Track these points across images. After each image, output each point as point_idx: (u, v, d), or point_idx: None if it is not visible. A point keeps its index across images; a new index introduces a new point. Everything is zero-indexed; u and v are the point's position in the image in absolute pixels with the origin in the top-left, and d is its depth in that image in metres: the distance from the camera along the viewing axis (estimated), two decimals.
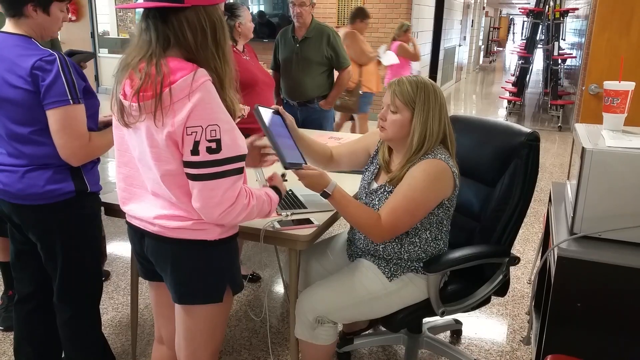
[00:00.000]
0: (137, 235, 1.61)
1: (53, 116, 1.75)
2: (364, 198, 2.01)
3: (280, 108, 1.94)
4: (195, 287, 1.56)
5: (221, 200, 1.41)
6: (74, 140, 1.78)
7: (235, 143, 1.40)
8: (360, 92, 5.44)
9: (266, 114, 1.82)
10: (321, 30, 3.77)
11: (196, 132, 1.35)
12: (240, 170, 1.43)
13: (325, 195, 1.81)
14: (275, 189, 1.67)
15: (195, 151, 1.36)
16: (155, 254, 1.57)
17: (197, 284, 1.55)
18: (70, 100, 1.74)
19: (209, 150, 1.36)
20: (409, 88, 1.83)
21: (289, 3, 3.74)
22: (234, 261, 1.63)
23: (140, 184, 1.54)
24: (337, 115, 5.91)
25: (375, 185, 1.98)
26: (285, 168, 1.72)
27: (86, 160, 1.85)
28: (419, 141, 1.83)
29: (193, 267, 1.54)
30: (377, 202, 1.92)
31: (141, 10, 1.47)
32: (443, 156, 1.83)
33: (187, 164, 1.39)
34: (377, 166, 2.04)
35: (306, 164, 1.81)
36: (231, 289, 1.62)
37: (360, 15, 5.53)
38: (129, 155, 1.54)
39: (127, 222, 1.64)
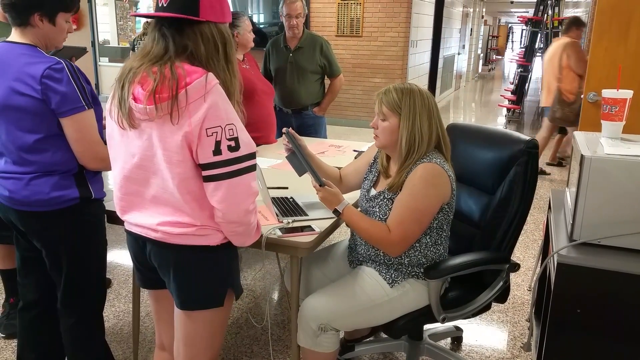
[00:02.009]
0: (139, 243, 1.62)
1: (71, 124, 1.78)
2: (364, 204, 2.04)
3: (291, 130, 2.04)
4: (197, 292, 1.57)
5: (246, 195, 1.47)
6: (93, 145, 1.83)
7: (249, 140, 1.47)
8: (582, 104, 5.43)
9: (291, 137, 2.00)
10: (313, 39, 3.84)
11: (216, 132, 1.39)
12: (255, 167, 1.50)
13: (336, 213, 1.93)
14: None
15: (217, 151, 1.40)
16: (158, 259, 1.58)
17: (199, 289, 1.57)
18: (85, 106, 1.78)
19: (230, 149, 1.41)
20: (395, 95, 1.88)
21: (282, 15, 3.77)
22: (234, 265, 1.65)
23: (135, 192, 1.55)
24: (544, 129, 5.89)
25: (374, 192, 2.01)
26: (321, 185, 1.91)
27: (102, 165, 1.87)
28: (408, 144, 1.87)
29: (195, 273, 1.56)
30: (377, 210, 1.94)
31: (142, 19, 1.51)
32: (438, 160, 1.87)
33: (209, 166, 1.42)
34: (376, 173, 2.07)
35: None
36: (233, 293, 1.64)
37: (576, 23, 5.56)
38: (122, 165, 1.55)
39: (127, 230, 1.65)
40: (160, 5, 1.45)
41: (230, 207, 1.45)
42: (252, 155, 1.47)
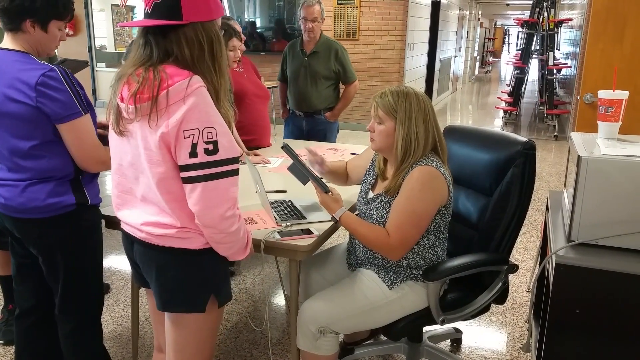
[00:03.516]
0: (129, 241, 1.64)
1: (70, 130, 1.77)
2: (361, 206, 2.04)
3: (286, 143, 2.07)
4: (177, 295, 1.57)
5: (222, 200, 1.44)
6: (94, 149, 1.83)
7: (231, 145, 1.44)
8: None
9: (289, 150, 2.02)
10: (329, 45, 3.84)
11: (193, 134, 1.38)
12: (236, 172, 1.47)
13: (333, 219, 1.99)
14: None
15: (193, 153, 1.39)
16: (142, 260, 1.60)
17: (179, 292, 1.56)
18: (82, 112, 1.78)
19: (207, 152, 1.40)
20: (391, 98, 1.89)
21: (299, 18, 3.78)
22: (218, 271, 1.62)
23: (128, 190, 1.57)
24: None
25: (371, 195, 2.01)
26: (326, 192, 1.96)
27: (103, 168, 1.87)
28: (404, 148, 1.88)
29: (176, 275, 1.55)
30: (374, 212, 1.94)
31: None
32: (435, 163, 1.87)
33: (186, 168, 1.41)
34: (374, 176, 2.07)
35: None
36: (216, 300, 1.61)
37: None
38: (118, 163, 1.58)
39: (121, 229, 1.67)
40: (146, 11, 1.46)
41: (205, 210, 1.43)
42: (232, 161, 1.44)
